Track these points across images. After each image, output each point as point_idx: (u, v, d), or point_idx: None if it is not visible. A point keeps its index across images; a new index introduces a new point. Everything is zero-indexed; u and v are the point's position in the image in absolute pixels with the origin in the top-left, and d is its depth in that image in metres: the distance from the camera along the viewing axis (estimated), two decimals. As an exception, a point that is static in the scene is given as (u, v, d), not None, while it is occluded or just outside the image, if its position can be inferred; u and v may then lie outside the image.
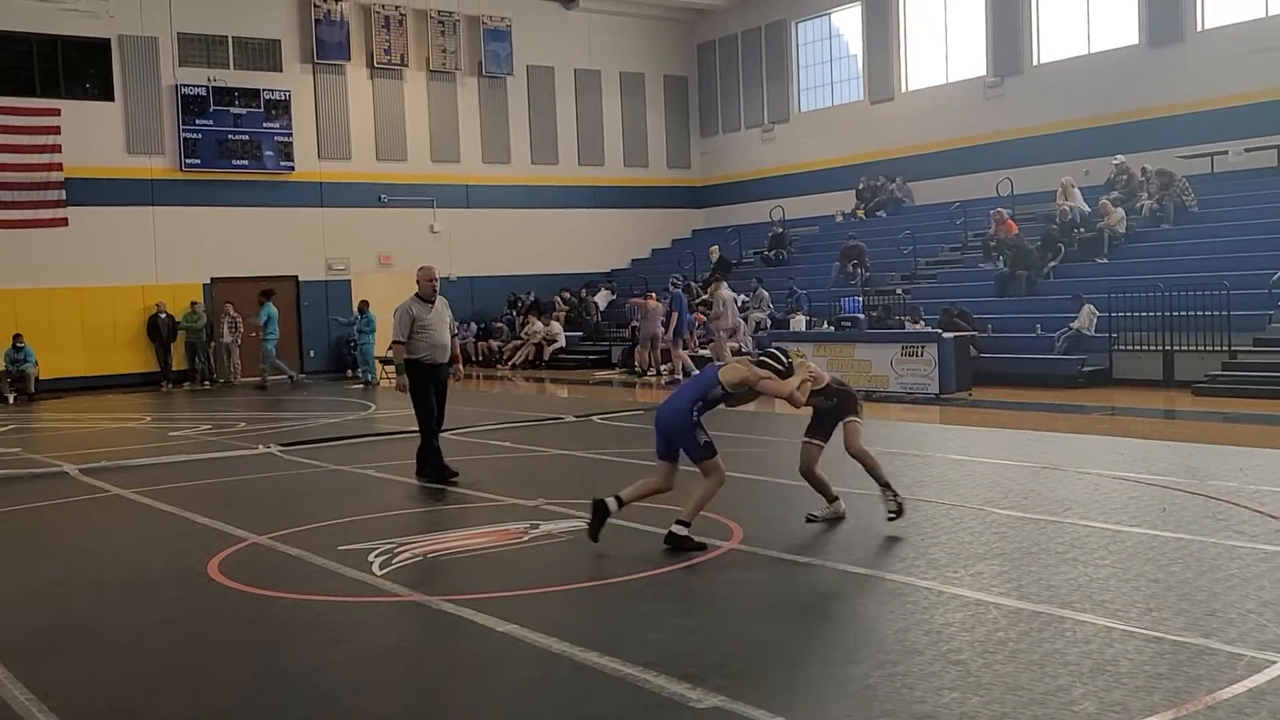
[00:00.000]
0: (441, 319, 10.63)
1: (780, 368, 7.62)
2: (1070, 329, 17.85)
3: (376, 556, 7.32)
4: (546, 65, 30.56)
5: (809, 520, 7.96)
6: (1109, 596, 5.87)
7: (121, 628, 6.19)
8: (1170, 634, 5.19)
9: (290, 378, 24.42)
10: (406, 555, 7.37)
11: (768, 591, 6.42)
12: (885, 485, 7.87)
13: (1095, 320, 17.73)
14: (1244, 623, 5.32)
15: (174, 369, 24.87)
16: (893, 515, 7.75)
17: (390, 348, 10.88)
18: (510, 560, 7.39)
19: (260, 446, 13.43)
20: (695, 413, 7.41)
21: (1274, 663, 4.73)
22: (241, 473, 11.65)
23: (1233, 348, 16.09)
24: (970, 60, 26.19)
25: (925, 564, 6.72)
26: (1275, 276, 16.24)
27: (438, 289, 10.71)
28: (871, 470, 7.93)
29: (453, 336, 10.95)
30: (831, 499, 8.09)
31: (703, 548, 7.23)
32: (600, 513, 7.37)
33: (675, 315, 21.64)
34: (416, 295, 10.58)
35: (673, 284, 23.34)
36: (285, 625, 6.11)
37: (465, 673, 5.16)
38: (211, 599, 6.64)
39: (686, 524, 7.37)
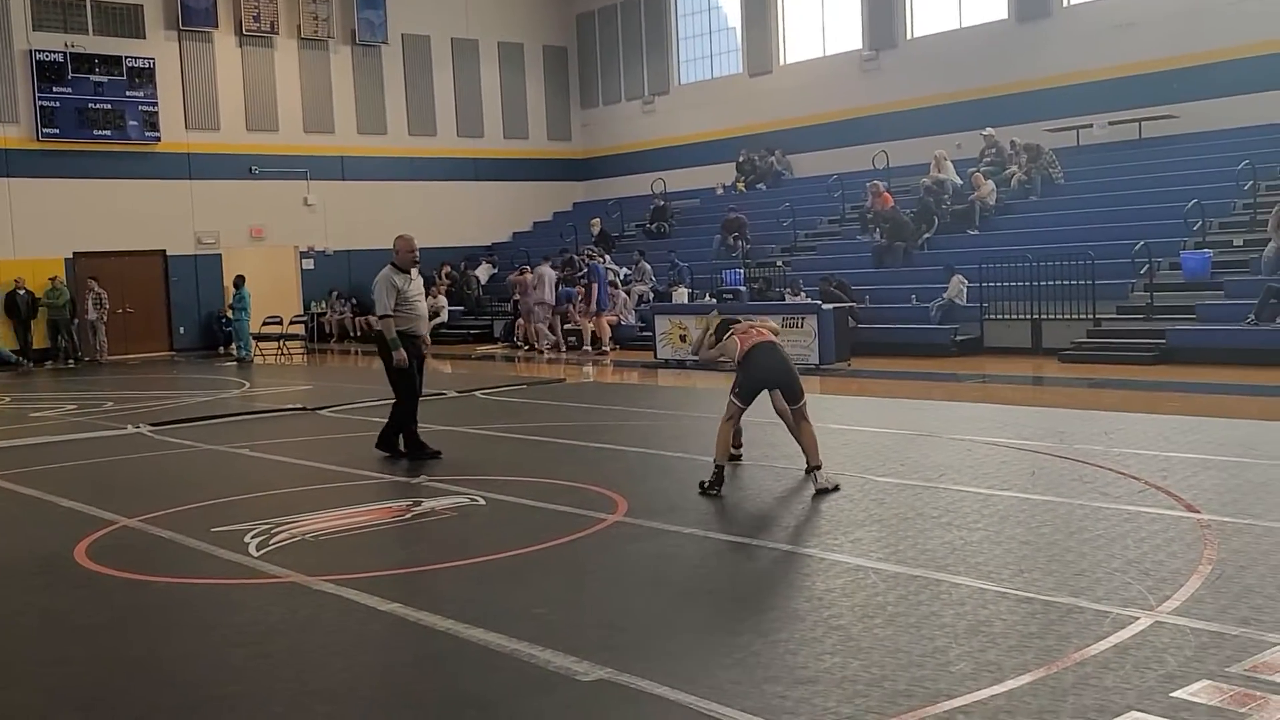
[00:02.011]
0: (420, 290, 10.27)
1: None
2: (944, 299, 18.28)
3: (253, 537, 7.14)
4: (422, 34, 30.05)
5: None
6: (982, 559, 6.03)
7: (-19, 618, 5.93)
8: (1041, 594, 5.35)
9: (17, 362, 23.29)
10: (284, 535, 7.20)
11: (652, 563, 6.43)
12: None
13: (965, 290, 18.16)
14: (1110, 581, 5.51)
15: (35, 347, 23.93)
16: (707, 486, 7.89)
17: (379, 321, 10.12)
18: (393, 538, 7.29)
19: (129, 426, 12.99)
20: None
21: (1137, 619, 4.91)
22: (109, 454, 11.25)
23: (1097, 316, 16.65)
24: (846, 34, 26.54)
25: (807, 532, 6.82)
26: (1137, 246, 16.83)
27: (417, 259, 10.28)
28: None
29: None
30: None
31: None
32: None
33: (595, 286, 21.52)
34: (393, 265, 10.07)
35: (588, 255, 23.21)
36: (157, 610, 5.92)
37: (347, 653, 5.06)
38: (78, 585, 6.40)
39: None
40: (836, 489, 7.80)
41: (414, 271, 10.25)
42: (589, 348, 21.51)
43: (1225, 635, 4.66)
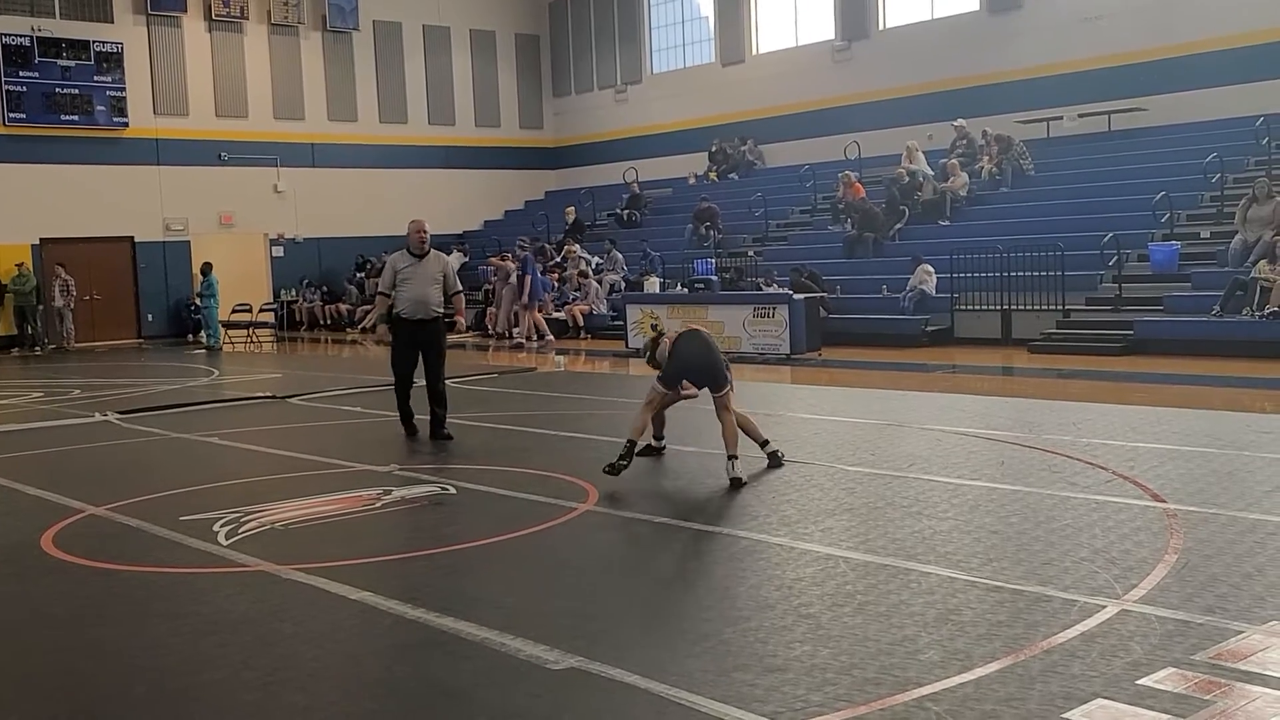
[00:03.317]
0: (429, 274, 10.26)
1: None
2: (911, 289, 18.33)
3: (222, 526, 7.09)
4: (394, 20, 29.87)
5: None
6: (952, 548, 6.06)
7: (-54, 607, 5.86)
8: (1009, 583, 5.39)
9: None
10: (254, 524, 7.16)
11: (622, 552, 6.44)
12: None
13: (933, 280, 18.19)
14: (1077, 570, 5.56)
15: (1, 334, 23.67)
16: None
17: (375, 297, 10.48)
18: (363, 527, 7.25)
19: (97, 414, 12.88)
20: None
21: (1104, 607, 4.95)
22: (77, 442, 11.15)
23: (1066, 307, 16.76)
24: (819, 24, 26.56)
25: (777, 521, 6.84)
26: (1106, 238, 16.95)
27: (426, 241, 10.33)
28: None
29: (456, 294, 10.68)
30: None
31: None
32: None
33: (528, 278, 21.55)
34: (406, 248, 10.30)
35: (520, 247, 23.21)
36: (125, 599, 5.87)
37: (317, 642, 5.04)
38: (45, 573, 6.34)
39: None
40: (745, 482, 7.78)
41: (430, 256, 10.34)
42: (522, 340, 21.58)
43: (1191, 623, 4.71)
